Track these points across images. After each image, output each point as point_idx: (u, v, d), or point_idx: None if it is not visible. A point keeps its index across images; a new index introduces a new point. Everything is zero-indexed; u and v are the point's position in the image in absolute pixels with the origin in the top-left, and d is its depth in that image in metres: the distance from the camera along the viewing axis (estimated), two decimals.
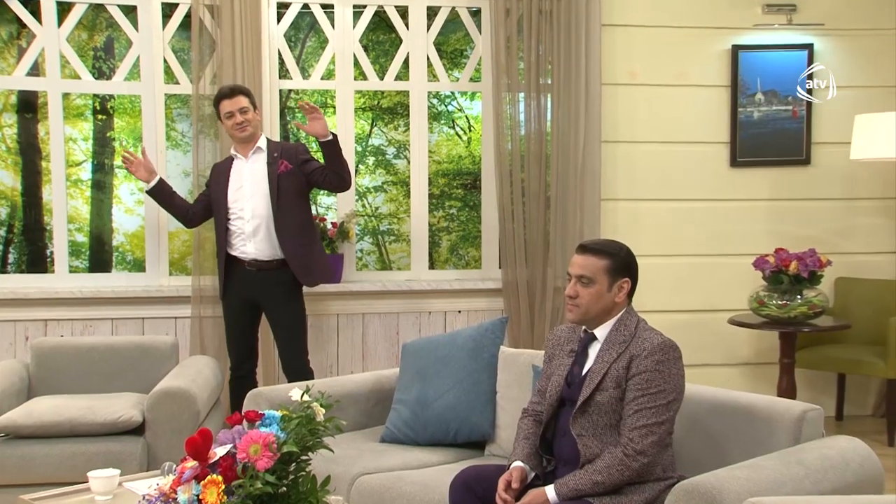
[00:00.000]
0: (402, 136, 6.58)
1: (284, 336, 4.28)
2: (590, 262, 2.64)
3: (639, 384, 2.51)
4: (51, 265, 5.51)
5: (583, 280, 2.64)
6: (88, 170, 6.26)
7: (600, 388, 2.55)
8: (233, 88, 4.25)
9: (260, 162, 4.24)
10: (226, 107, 4.20)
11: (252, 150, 4.25)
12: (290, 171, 4.21)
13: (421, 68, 5.11)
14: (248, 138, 4.23)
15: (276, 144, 4.35)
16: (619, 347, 2.59)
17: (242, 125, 4.19)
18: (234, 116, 4.18)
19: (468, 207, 6.67)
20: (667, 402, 2.50)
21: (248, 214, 4.20)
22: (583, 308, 2.64)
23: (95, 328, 4.81)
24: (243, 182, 4.23)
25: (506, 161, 4.93)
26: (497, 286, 5.04)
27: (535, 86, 4.92)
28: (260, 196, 4.19)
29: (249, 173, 4.24)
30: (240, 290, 4.26)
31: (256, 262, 4.19)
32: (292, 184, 4.21)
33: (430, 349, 3.59)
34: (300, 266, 4.20)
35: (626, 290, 2.65)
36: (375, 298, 5.02)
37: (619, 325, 2.64)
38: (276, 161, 4.21)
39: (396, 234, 6.71)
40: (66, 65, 4.93)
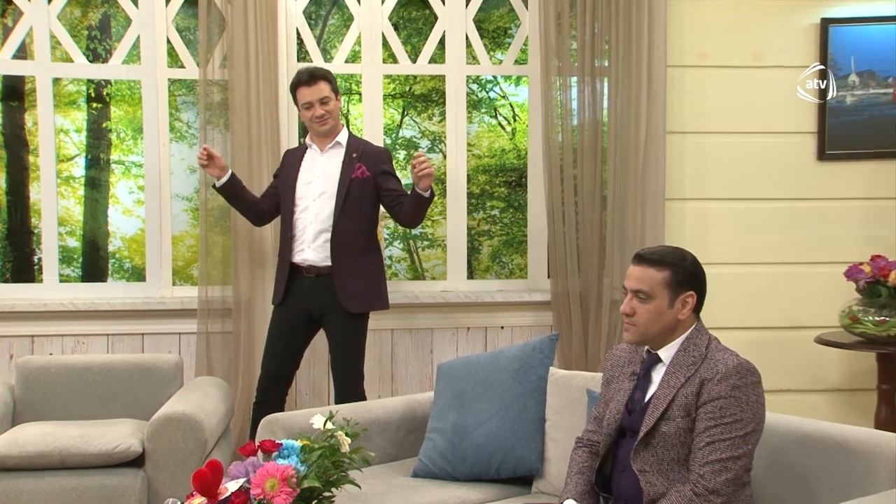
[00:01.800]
0: (436, 127, 6.60)
1: (344, 356, 4.29)
2: (647, 274, 2.63)
3: (711, 413, 2.49)
4: (39, 274, 5.58)
5: (640, 295, 2.63)
6: (82, 165, 6.33)
7: (666, 416, 2.54)
8: (312, 73, 4.25)
9: (336, 158, 4.28)
10: (304, 96, 4.23)
11: (330, 143, 4.29)
12: (366, 178, 4.25)
13: (459, 49, 5.13)
14: (329, 131, 4.27)
15: (358, 143, 4.39)
16: (687, 370, 2.58)
17: (323, 118, 4.22)
18: (313, 108, 4.21)
19: (512, 208, 6.67)
20: (744, 433, 2.48)
21: (312, 216, 4.23)
22: (641, 327, 2.64)
23: (89, 345, 4.87)
24: (314, 178, 4.27)
25: (556, 155, 4.92)
26: (545, 298, 5.03)
27: (589, 69, 4.91)
28: (328, 197, 4.23)
29: (322, 169, 4.27)
30: (300, 299, 4.29)
31: (315, 269, 4.23)
32: (365, 192, 4.25)
33: (469, 370, 3.59)
34: (345, 286, 4.20)
35: (690, 305, 2.64)
36: (406, 312, 5.04)
37: (686, 345, 2.63)
38: (354, 162, 4.25)
39: (430, 238, 6.71)
40: (56, 46, 5.00)
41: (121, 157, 6.35)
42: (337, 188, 4.22)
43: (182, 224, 5.93)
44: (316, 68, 4.33)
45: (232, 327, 4.79)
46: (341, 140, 4.31)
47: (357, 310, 4.24)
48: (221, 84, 4.83)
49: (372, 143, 4.50)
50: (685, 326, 2.65)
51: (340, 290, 4.19)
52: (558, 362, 4.82)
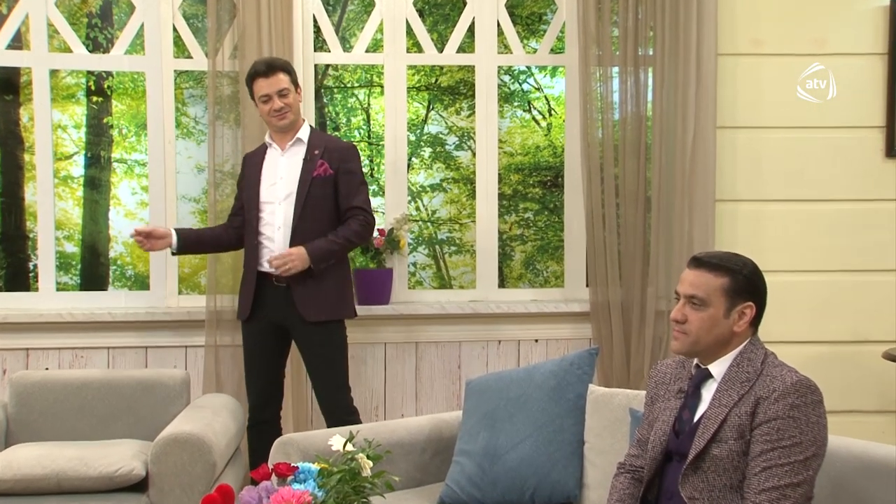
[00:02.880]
0: (465, 122, 6.61)
1: (320, 369, 4.29)
2: (704, 279, 2.63)
3: (767, 435, 2.48)
4: (34, 282, 5.62)
5: (694, 301, 2.62)
6: (81, 164, 6.38)
7: (717, 438, 2.53)
8: (270, 64, 4.26)
9: (298, 156, 4.28)
10: (261, 87, 4.24)
11: (291, 140, 4.29)
12: (328, 176, 4.24)
13: (489, 37, 5.14)
14: (288, 126, 4.28)
15: (321, 138, 4.38)
16: (741, 388, 2.56)
17: (282, 112, 4.23)
18: (271, 101, 4.22)
19: (548, 211, 6.66)
20: (804, 458, 2.46)
21: (280, 220, 4.24)
22: (692, 336, 2.63)
23: (88, 359, 4.90)
24: (277, 179, 4.28)
25: (595, 153, 4.91)
26: (584, 309, 5.03)
27: (632, 58, 4.90)
28: (293, 197, 4.23)
29: (286, 169, 4.28)
30: (266, 311, 4.30)
31: (286, 277, 4.22)
32: (328, 191, 4.25)
33: (501, 387, 3.59)
34: (302, 292, 4.18)
35: (748, 316, 2.63)
36: (432, 323, 5.05)
37: (740, 360, 2.61)
38: (316, 160, 4.25)
39: (458, 243, 6.72)
40: (54, 35, 5.04)
41: (123, 156, 6.40)
42: (297, 187, 4.22)
43: None
44: (275, 59, 4.34)
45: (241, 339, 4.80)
46: (302, 136, 4.29)
47: (314, 318, 4.21)
48: (232, 76, 4.85)
49: (337, 139, 4.51)
50: (740, 340, 2.64)
51: (297, 298, 4.19)
52: (598, 379, 4.81)
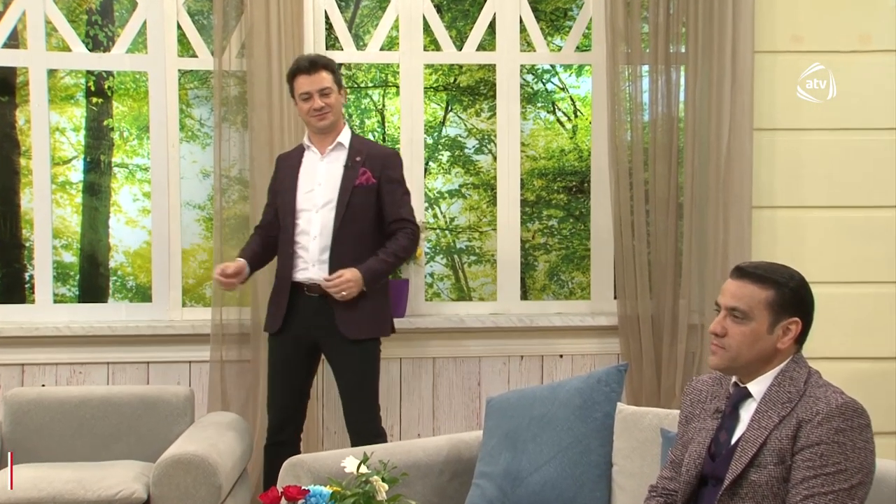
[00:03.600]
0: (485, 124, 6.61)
1: (353, 388, 4.28)
2: (748, 291, 2.61)
3: (810, 460, 2.46)
4: (30, 293, 5.64)
5: (735, 314, 2.61)
6: (80, 169, 6.40)
7: (756, 462, 2.51)
8: (313, 61, 4.25)
9: (338, 162, 4.27)
10: (302, 85, 4.22)
11: (332, 144, 4.28)
12: (371, 185, 4.23)
13: (511, 34, 5.13)
14: (328, 128, 4.28)
15: (363, 143, 4.38)
16: (782, 409, 2.55)
17: (322, 112, 4.21)
18: (311, 99, 4.20)
19: (573, 218, 6.66)
20: (849, 486, 2.44)
21: (317, 229, 4.23)
22: (732, 351, 2.61)
23: (87, 375, 4.91)
24: (315, 185, 4.26)
25: (624, 156, 4.90)
26: (612, 322, 5.01)
27: (663, 55, 4.89)
28: (332, 208, 4.22)
29: (325, 175, 4.26)
30: (297, 325, 4.28)
31: (318, 287, 4.20)
32: (369, 201, 4.23)
33: (524, 406, 3.58)
34: (343, 307, 4.17)
35: (794, 333, 2.61)
36: (450, 338, 5.04)
37: (782, 379, 2.60)
38: (357, 167, 4.24)
39: (478, 253, 6.72)
40: (52, 33, 5.06)
41: (124, 160, 6.42)
42: (338, 196, 4.22)
43: (193, 236, 5.99)
44: (318, 56, 4.33)
45: (250, 355, 4.82)
46: (343, 140, 4.29)
47: (355, 335, 4.21)
48: (239, 76, 4.86)
49: (379, 145, 4.51)
50: (782, 357, 2.62)
51: (338, 314, 4.18)
52: (627, 397, 4.79)
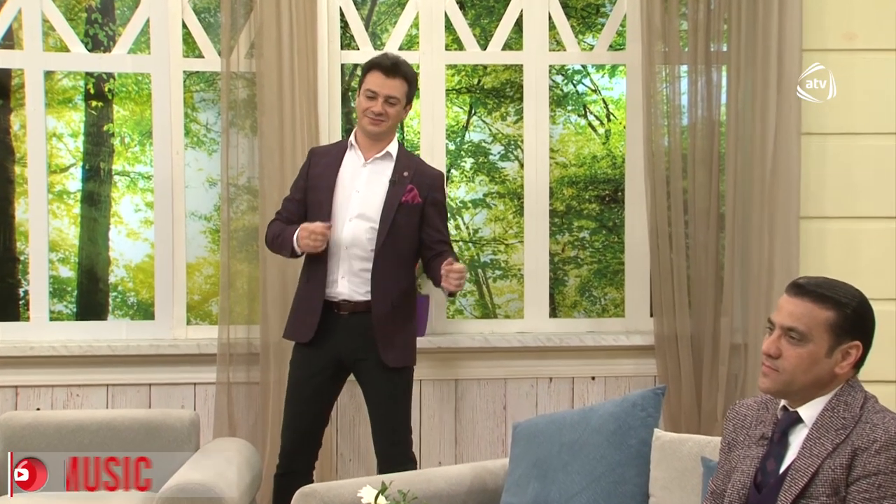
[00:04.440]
0: (512, 129, 6.60)
1: (387, 416, 4.30)
2: (806, 310, 2.60)
3: (867, 491, 2.45)
4: (24, 310, 5.66)
5: (792, 335, 2.59)
6: (78, 177, 6.41)
7: (808, 494, 2.50)
8: (396, 65, 4.27)
9: (383, 174, 4.28)
10: (373, 82, 4.24)
11: (379, 153, 4.30)
12: (416, 205, 4.27)
13: (540, 32, 5.14)
14: (378, 136, 4.30)
15: (411, 160, 4.40)
16: (836, 436, 2.53)
17: (379, 118, 4.23)
18: (375, 100, 4.23)
19: (606, 230, 6.64)
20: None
21: (349, 239, 4.25)
22: (786, 375, 2.60)
23: (85, 398, 4.92)
24: (353, 192, 4.27)
25: (660, 163, 4.90)
26: (648, 342, 5.01)
27: (703, 55, 4.88)
28: (365, 220, 4.23)
29: (367, 184, 4.28)
30: (329, 343, 4.28)
31: (350, 304, 4.23)
32: (412, 221, 4.27)
33: (553, 432, 3.58)
34: (386, 334, 4.21)
35: (853, 357, 2.61)
36: (474, 358, 5.04)
37: (836, 404, 2.58)
38: (405, 182, 4.26)
39: (504, 267, 6.71)
40: (49, 32, 5.09)
41: (125, 168, 6.43)
42: (381, 212, 4.23)
43: (199, 249, 5.99)
44: (404, 63, 4.32)
45: (259, 376, 4.82)
46: (392, 151, 4.32)
47: (396, 363, 4.26)
48: (248, 77, 4.88)
49: (426, 163, 4.50)
50: (840, 383, 2.61)
51: (381, 339, 4.21)
52: (665, 422, 4.77)
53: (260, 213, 4.81)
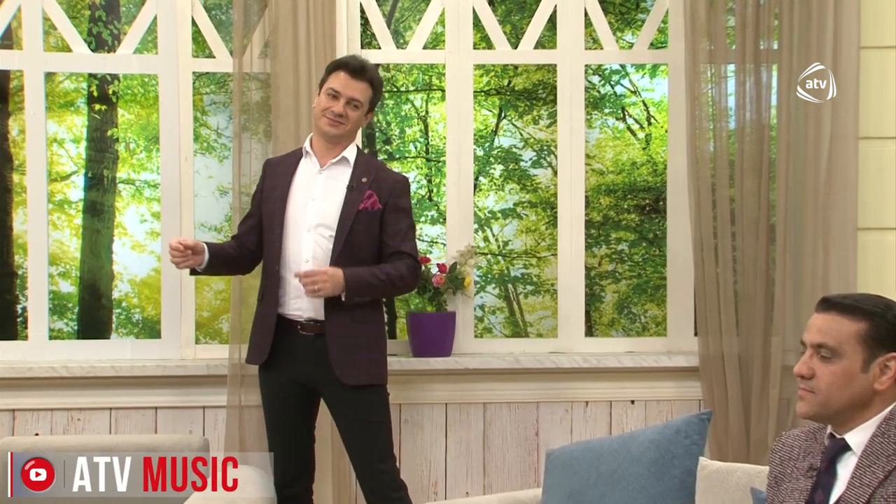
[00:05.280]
0: (544, 134, 6.60)
1: (358, 439, 4.30)
2: (835, 324, 2.61)
3: None
4: (22, 328, 5.68)
5: (822, 352, 2.60)
6: (80, 186, 6.44)
7: None
8: (363, 68, 4.29)
9: (339, 180, 4.30)
10: (336, 81, 4.25)
11: (335, 158, 4.31)
12: (376, 211, 4.27)
13: (575, 30, 5.14)
14: (334, 139, 4.31)
15: (370, 164, 4.41)
16: (887, 462, 2.53)
17: (338, 119, 4.24)
18: (337, 99, 4.24)
19: (646, 242, 6.63)
20: None
21: (308, 252, 4.26)
22: (820, 395, 2.60)
23: (87, 422, 4.94)
24: (309, 200, 4.29)
25: (705, 170, 4.90)
26: (692, 363, 5.00)
27: (752, 54, 4.88)
28: (326, 229, 4.25)
29: (323, 191, 4.30)
30: (289, 364, 4.30)
31: (314, 324, 4.25)
32: (373, 228, 4.28)
33: (590, 460, 3.57)
34: (340, 349, 4.21)
35: (893, 371, 2.60)
36: (504, 380, 5.04)
37: (886, 428, 2.58)
38: (364, 189, 4.27)
39: (536, 282, 6.71)
40: (50, 31, 5.12)
41: (130, 175, 6.46)
42: (339, 220, 4.24)
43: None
44: (371, 67, 4.35)
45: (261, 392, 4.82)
46: (348, 156, 4.31)
47: (354, 381, 4.23)
48: (262, 79, 4.90)
49: (388, 168, 4.53)
50: (884, 401, 2.60)
51: (337, 357, 4.20)
52: (711, 450, 4.77)
53: None
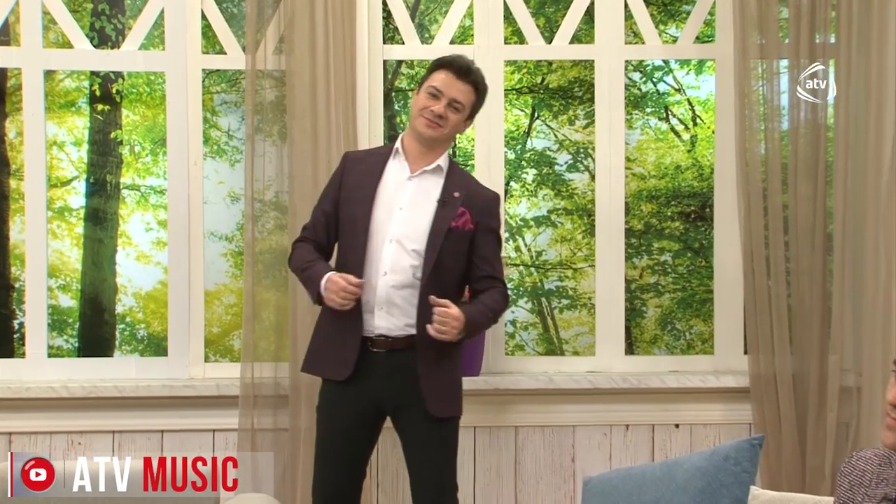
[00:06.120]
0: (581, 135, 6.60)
1: (431, 471, 4.26)
2: None
3: None
4: (19, 345, 5.70)
5: None
6: (81, 192, 6.47)
7: None
8: (471, 69, 4.28)
9: (431, 190, 4.27)
10: (440, 80, 4.23)
11: (428, 165, 4.29)
12: (467, 232, 4.25)
13: (614, 23, 5.15)
14: (431, 142, 4.28)
15: (463, 178, 4.38)
16: None
17: (438, 121, 4.22)
18: (438, 99, 4.21)
19: (692, 252, 6.62)
20: None
21: (387, 264, 4.23)
22: None
23: (88, 446, 4.94)
24: (396, 208, 4.24)
25: (756, 174, 4.89)
26: (742, 384, 4.99)
27: (807, 48, 4.88)
28: (410, 242, 4.21)
29: (412, 201, 4.26)
30: (366, 385, 4.25)
31: (385, 340, 4.22)
32: (462, 248, 4.25)
33: (631, 489, 3.56)
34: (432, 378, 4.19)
35: None
36: (537, 402, 5.04)
37: None
38: (456, 205, 4.24)
39: (572, 295, 6.70)
40: (50, 26, 5.14)
41: (135, 181, 6.49)
42: (428, 237, 4.21)
43: (219, 274, 6.03)
44: (480, 71, 4.33)
45: (288, 422, 4.84)
46: (442, 164, 4.30)
47: (444, 413, 4.23)
48: (276, 76, 4.91)
49: (480, 183, 4.47)
50: None
51: (427, 386, 4.18)
52: (763, 479, 4.76)
53: (289, 232, 4.81)
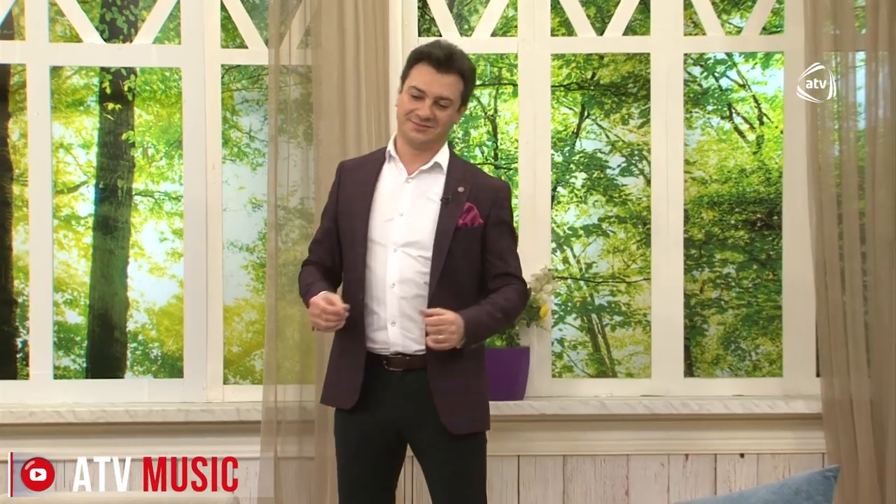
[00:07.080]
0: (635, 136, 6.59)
1: (457, 494, 4.25)
2: None
3: None
4: (23, 365, 5.72)
5: None
6: (90, 198, 6.50)
7: None
8: (451, 57, 4.21)
9: (431, 189, 4.26)
10: (420, 78, 4.19)
11: (426, 164, 4.28)
12: (476, 228, 4.24)
13: (672, 13, 5.15)
14: (424, 145, 4.28)
15: (466, 170, 4.36)
16: None
17: (426, 124, 4.20)
18: (422, 101, 4.20)
19: (758, 264, 6.59)
20: None
21: (395, 275, 4.23)
22: None
23: (97, 475, 4.95)
24: (396, 214, 4.25)
25: (829, 179, 4.87)
26: (814, 410, 4.98)
27: (885, 39, 4.86)
28: (418, 249, 4.21)
29: (412, 204, 4.26)
30: (377, 405, 4.26)
31: (402, 358, 4.22)
32: (473, 247, 4.24)
33: None
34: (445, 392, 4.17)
35: None
36: (587, 428, 5.04)
37: None
38: (461, 200, 4.22)
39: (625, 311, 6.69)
40: (57, 18, 5.17)
41: (148, 186, 6.51)
42: (434, 239, 4.20)
43: (239, 288, 6.03)
44: (461, 54, 4.27)
45: (314, 450, 4.86)
46: (441, 161, 4.27)
47: (462, 430, 4.20)
48: (302, 72, 4.92)
49: (486, 174, 4.46)
50: None
51: (442, 399, 4.17)
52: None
53: None
